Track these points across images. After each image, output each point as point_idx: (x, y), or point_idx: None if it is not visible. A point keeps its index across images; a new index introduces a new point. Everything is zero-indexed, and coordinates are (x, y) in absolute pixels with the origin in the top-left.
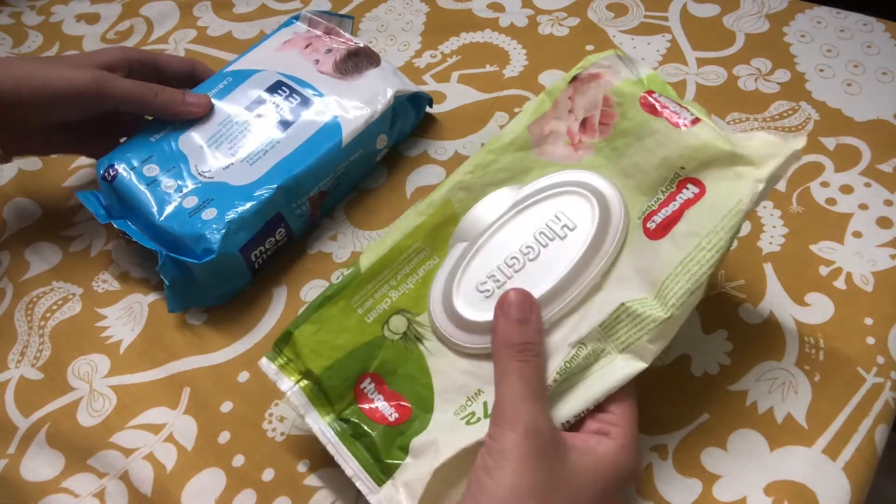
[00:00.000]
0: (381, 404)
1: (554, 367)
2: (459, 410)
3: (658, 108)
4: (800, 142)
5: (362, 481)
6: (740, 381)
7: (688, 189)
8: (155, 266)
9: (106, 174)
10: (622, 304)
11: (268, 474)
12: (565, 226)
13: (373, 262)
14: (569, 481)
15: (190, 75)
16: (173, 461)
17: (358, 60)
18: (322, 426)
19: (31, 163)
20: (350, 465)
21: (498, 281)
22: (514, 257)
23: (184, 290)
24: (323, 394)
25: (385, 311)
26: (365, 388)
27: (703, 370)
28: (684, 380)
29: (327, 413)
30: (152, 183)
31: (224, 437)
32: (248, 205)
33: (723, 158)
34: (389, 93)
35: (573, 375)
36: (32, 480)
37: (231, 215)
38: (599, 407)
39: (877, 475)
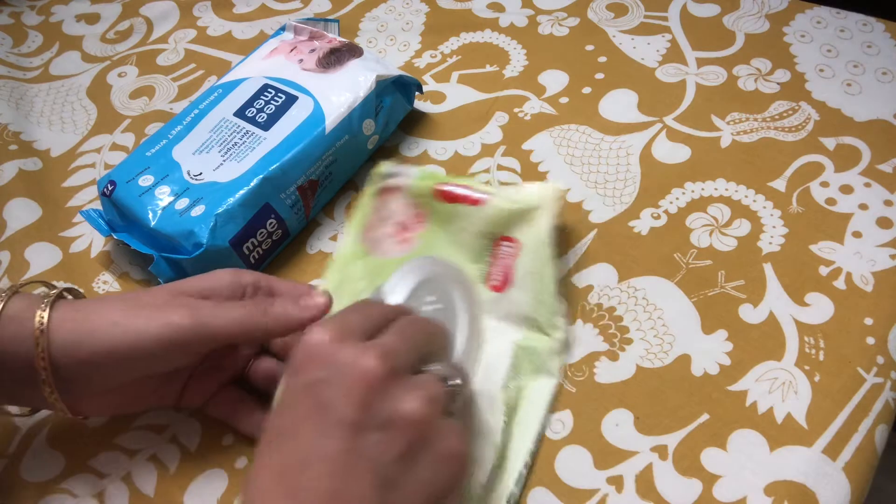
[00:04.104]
0: None
1: (499, 411)
2: None
3: (453, 194)
4: (560, 184)
5: None
6: (740, 381)
7: (504, 246)
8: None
9: (105, 189)
10: (516, 344)
11: None
12: (442, 307)
13: None
14: None
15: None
16: (176, 462)
17: (340, 54)
18: None
19: (31, 163)
20: None
21: None
22: None
23: None
24: None
25: None
26: None
27: (703, 370)
28: (684, 380)
29: None
30: (146, 192)
31: (227, 439)
32: (235, 197)
33: (518, 214)
34: (371, 77)
35: (512, 413)
36: (32, 481)
37: (218, 209)
38: None
39: (877, 475)
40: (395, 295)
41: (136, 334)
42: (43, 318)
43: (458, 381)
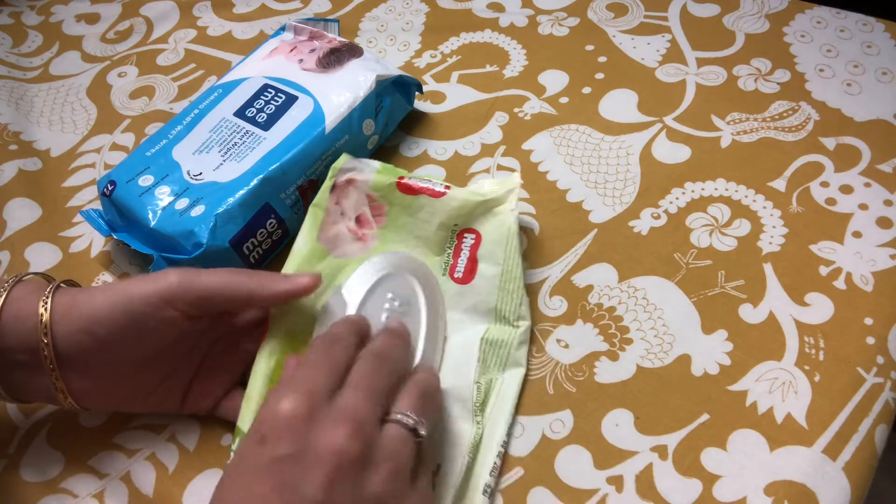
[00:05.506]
0: None
1: (470, 412)
2: None
3: (414, 187)
4: (517, 176)
5: None
6: (740, 381)
7: (467, 238)
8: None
9: (105, 189)
10: (481, 338)
11: None
12: (402, 303)
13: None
14: None
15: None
16: (175, 462)
17: (340, 54)
18: None
19: (31, 163)
20: None
21: None
22: None
23: None
24: None
25: None
26: None
27: (703, 370)
28: (684, 380)
29: None
30: (146, 192)
31: (226, 439)
32: (235, 197)
33: (480, 206)
34: (371, 77)
35: (483, 408)
36: (32, 480)
37: (218, 209)
38: None
39: (877, 475)
40: (354, 295)
41: (126, 294)
42: (47, 299)
43: (424, 432)
